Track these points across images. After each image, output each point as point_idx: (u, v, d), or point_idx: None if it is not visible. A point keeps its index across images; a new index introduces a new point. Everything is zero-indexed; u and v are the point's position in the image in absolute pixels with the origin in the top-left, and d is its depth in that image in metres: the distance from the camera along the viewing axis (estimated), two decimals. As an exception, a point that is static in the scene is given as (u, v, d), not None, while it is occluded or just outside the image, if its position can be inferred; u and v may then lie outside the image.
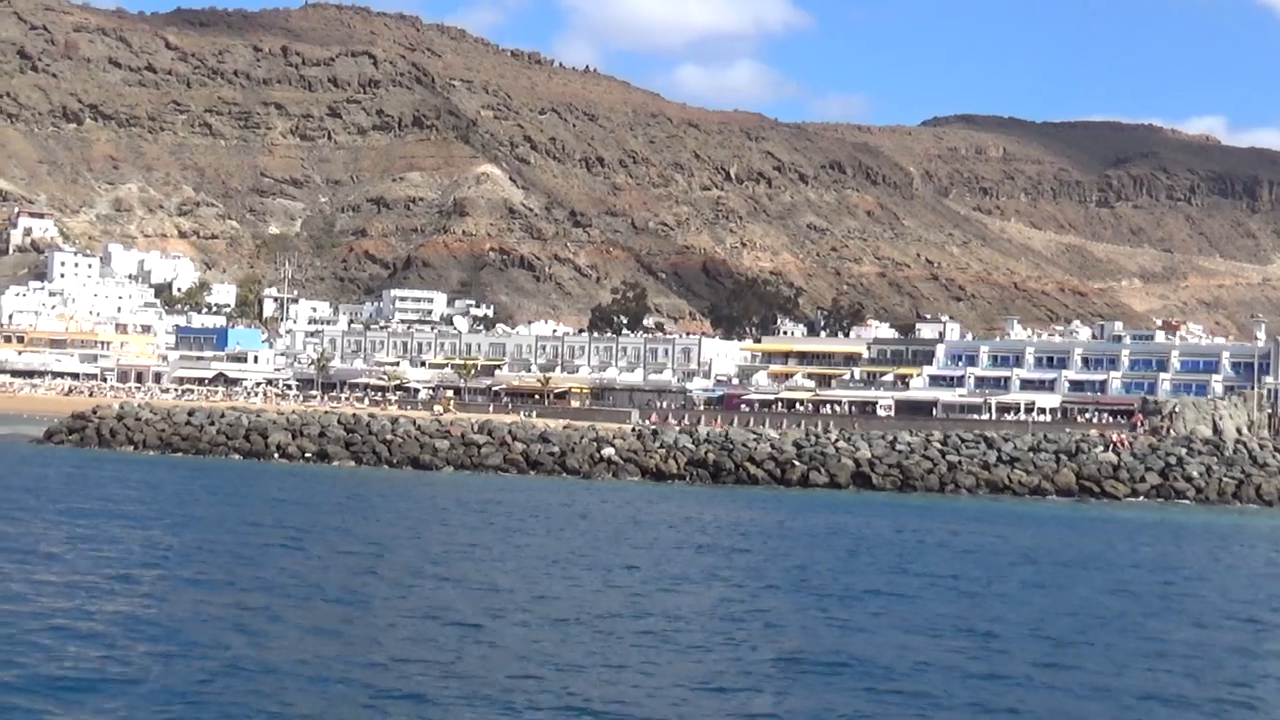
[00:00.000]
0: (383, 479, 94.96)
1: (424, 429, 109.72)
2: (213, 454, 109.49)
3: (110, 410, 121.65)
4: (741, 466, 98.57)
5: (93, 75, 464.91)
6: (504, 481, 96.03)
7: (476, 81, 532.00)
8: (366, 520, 66.28)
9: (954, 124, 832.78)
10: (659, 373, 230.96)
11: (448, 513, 71.32)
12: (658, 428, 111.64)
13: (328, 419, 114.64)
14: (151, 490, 79.12)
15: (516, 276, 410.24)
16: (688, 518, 73.86)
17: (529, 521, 67.69)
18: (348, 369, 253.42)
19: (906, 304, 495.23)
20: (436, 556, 53.19)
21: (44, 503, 68.28)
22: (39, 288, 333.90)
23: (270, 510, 69.21)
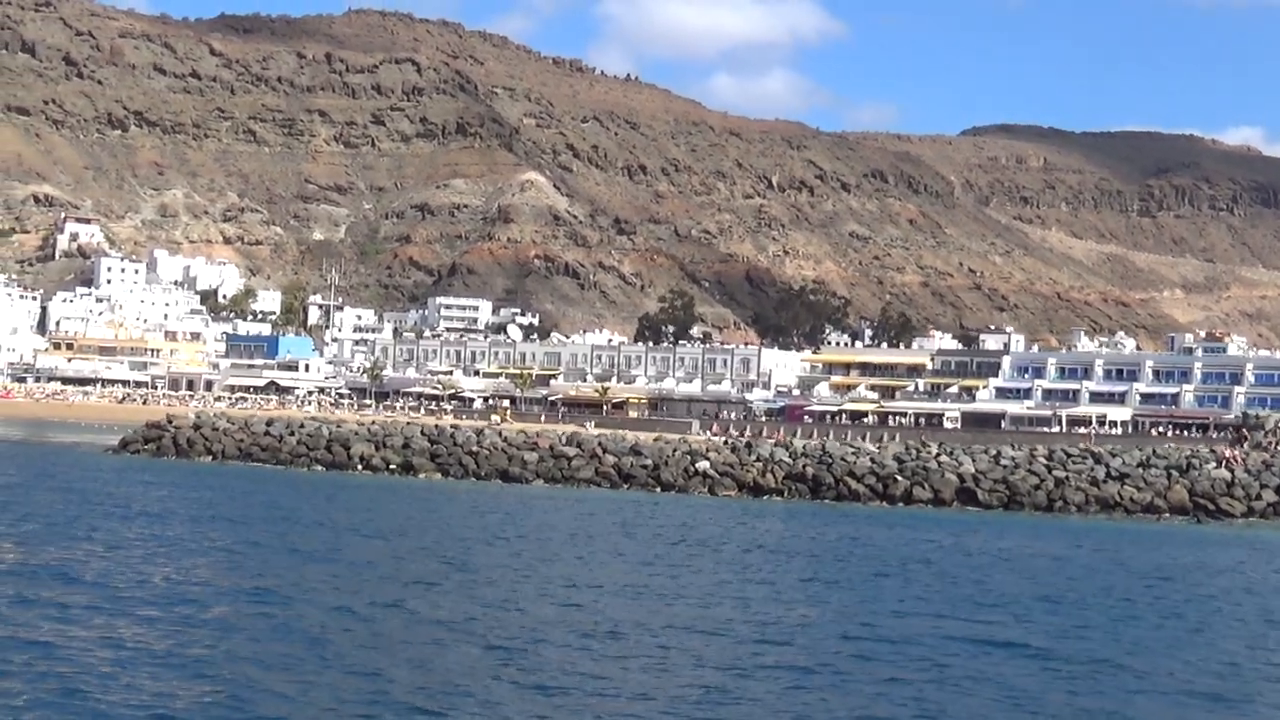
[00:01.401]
0: (478, 492, 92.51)
1: (511, 440, 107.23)
2: (294, 465, 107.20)
3: (186, 420, 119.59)
4: (842, 481, 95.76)
5: (137, 82, 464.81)
6: (601, 496, 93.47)
7: (519, 89, 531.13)
8: (517, 544, 63.50)
9: (993, 133, 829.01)
10: (717, 383, 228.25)
11: (620, 541, 66.97)
12: (750, 440, 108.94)
13: (410, 430, 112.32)
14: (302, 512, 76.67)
15: (561, 284, 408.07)
16: (828, 538, 71.10)
17: (689, 554, 64.36)
18: (400, 378, 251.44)
19: (949, 314, 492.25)
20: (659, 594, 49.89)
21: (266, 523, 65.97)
22: (86, 294, 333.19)
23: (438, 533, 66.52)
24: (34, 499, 72.81)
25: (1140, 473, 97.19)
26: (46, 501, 71.50)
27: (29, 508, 67.75)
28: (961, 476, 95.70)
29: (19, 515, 64.02)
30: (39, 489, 79.43)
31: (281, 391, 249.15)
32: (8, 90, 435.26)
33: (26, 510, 66.45)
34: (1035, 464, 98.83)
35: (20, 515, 63.99)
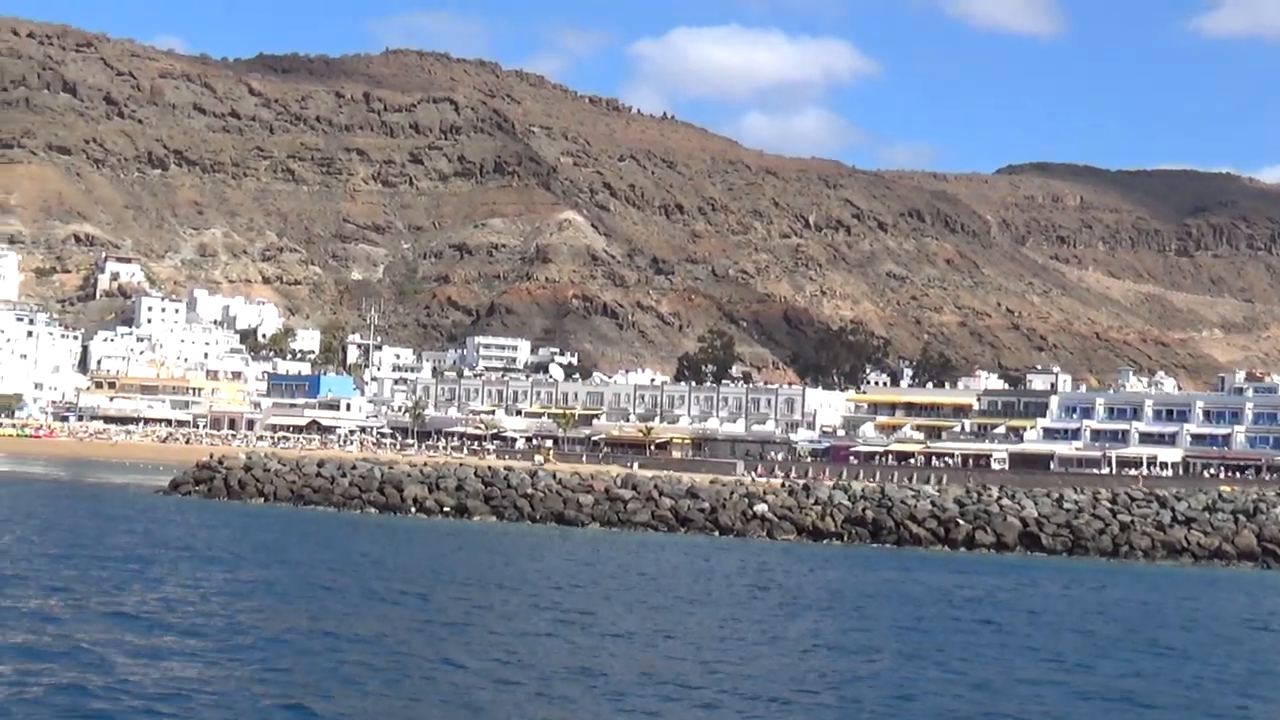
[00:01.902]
0: (539, 536, 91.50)
1: (565, 483, 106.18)
2: (347, 507, 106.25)
3: (237, 461, 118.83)
4: (902, 525, 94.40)
5: (177, 121, 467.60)
6: (660, 540, 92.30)
7: (556, 128, 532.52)
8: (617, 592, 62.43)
9: (1029, 172, 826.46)
10: (762, 423, 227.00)
11: (709, 585, 65.62)
12: (807, 483, 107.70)
13: (464, 472, 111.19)
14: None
15: (599, 324, 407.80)
16: (910, 585, 69.83)
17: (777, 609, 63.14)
18: (442, 417, 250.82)
19: (988, 354, 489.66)
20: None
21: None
22: (127, 333, 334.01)
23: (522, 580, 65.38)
24: (106, 541, 72.19)
25: (1207, 517, 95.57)
26: (120, 544, 70.82)
27: (102, 550, 67.13)
28: (1024, 520, 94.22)
29: (95, 556, 63.47)
30: (109, 532, 78.85)
31: (323, 431, 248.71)
32: (49, 130, 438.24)
33: (101, 552, 65.84)
34: (1099, 507, 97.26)
35: (97, 557, 63.42)
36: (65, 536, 74.97)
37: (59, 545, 69.37)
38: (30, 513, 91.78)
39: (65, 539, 73.12)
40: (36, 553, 65.57)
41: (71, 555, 64.43)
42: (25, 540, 71.79)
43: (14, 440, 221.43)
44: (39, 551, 66.18)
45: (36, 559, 62.71)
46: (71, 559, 62.81)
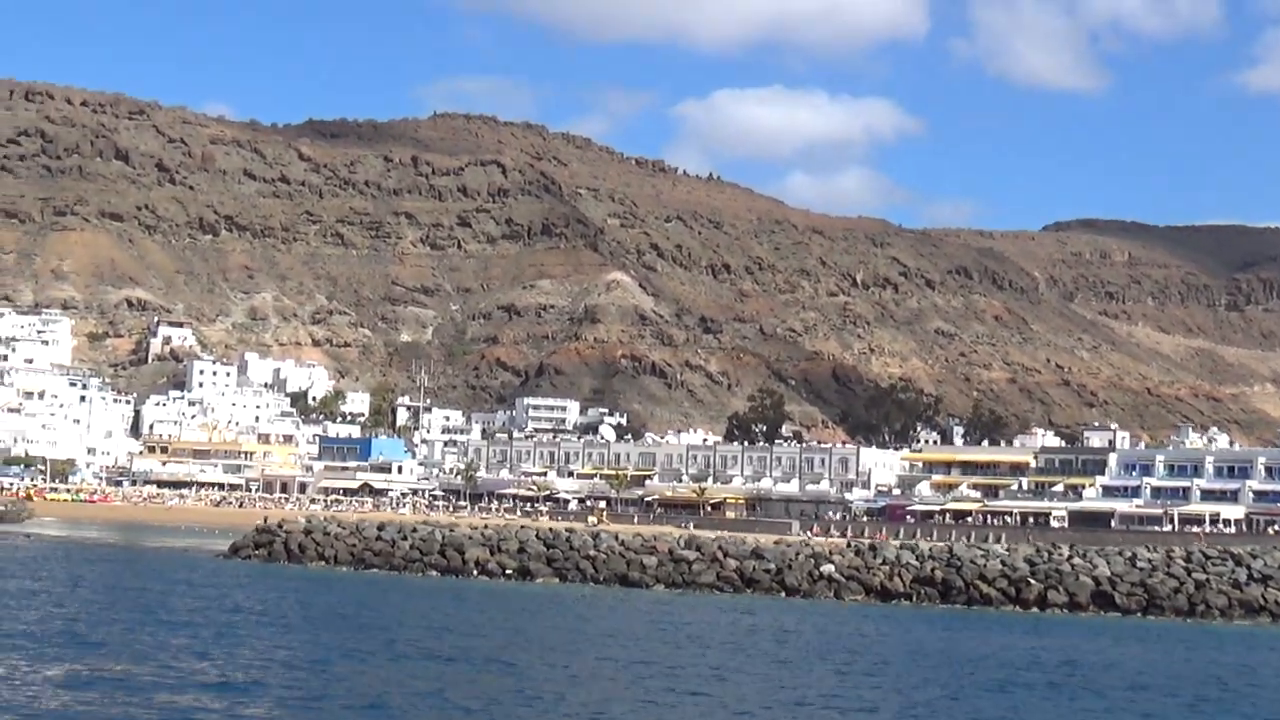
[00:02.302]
0: (606, 599, 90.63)
1: (628, 544, 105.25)
2: (408, 571, 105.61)
3: (296, 524, 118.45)
4: (972, 585, 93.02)
5: (228, 187, 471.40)
6: (729, 602, 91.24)
7: (602, 189, 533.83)
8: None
9: (1076, 228, 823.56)
10: (816, 483, 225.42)
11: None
12: (874, 542, 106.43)
13: (525, 534, 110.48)
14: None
15: (648, 384, 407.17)
16: (998, 649, 68.50)
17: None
18: (494, 479, 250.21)
19: (1038, 410, 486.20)
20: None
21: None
22: (179, 397, 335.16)
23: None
24: (172, 605, 71.77)
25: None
26: (192, 610, 70.43)
27: (176, 615, 66.78)
28: (1097, 579, 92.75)
29: (169, 622, 63.18)
30: (178, 597, 78.51)
31: (375, 494, 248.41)
32: (102, 196, 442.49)
33: (175, 618, 65.53)
34: (1174, 566, 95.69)
35: (170, 623, 63.14)
36: (136, 602, 74.60)
37: (132, 610, 69.03)
38: (98, 578, 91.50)
39: (137, 604, 72.75)
40: (112, 618, 65.16)
41: (145, 621, 63.96)
42: (98, 606, 71.45)
43: (69, 505, 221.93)
44: (114, 617, 65.79)
45: (112, 625, 62.26)
46: (146, 625, 62.35)
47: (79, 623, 62.21)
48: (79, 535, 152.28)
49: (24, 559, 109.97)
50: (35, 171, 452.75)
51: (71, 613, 66.87)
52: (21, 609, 68.29)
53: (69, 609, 69.01)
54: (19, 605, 70.51)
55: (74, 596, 76.81)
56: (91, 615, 66.04)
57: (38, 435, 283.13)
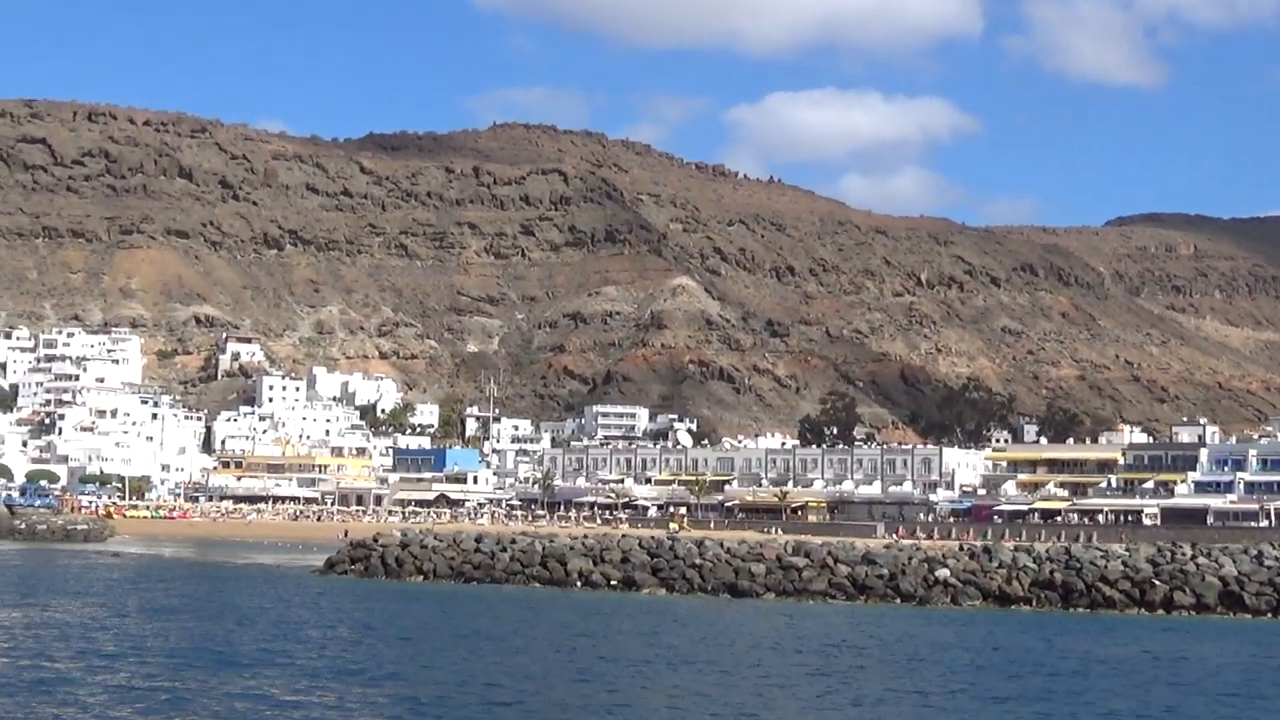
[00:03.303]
0: (723, 609, 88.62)
1: (734, 552, 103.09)
2: (510, 582, 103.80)
3: (392, 538, 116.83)
4: (1094, 587, 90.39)
5: (291, 202, 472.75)
6: (850, 610, 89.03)
7: (664, 195, 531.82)
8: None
9: (1140, 222, 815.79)
10: (898, 484, 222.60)
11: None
12: (990, 547, 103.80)
13: (627, 543, 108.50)
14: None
15: (716, 388, 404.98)
16: (1161, 654, 66.06)
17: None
18: (570, 487, 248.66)
19: (1109, 407, 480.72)
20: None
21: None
22: (249, 412, 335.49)
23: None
24: (289, 615, 70.29)
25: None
26: (322, 628, 69.38)
27: (309, 637, 65.44)
28: (1224, 579, 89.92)
29: (307, 642, 62.12)
30: (298, 616, 77.29)
31: (451, 504, 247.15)
32: (168, 214, 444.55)
33: (309, 639, 64.37)
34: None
35: (308, 643, 62.06)
36: (260, 622, 73.24)
37: (264, 632, 67.63)
38: (208, 599, 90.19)
39: (263, 625, 71.18)
40: (247, 639, 63.83)
41: (281, 643, 62.44)
42: (223, 627, 70.14)
43: (149, 522, 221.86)
44: (250, 638, 64.45)
45: (247, 644, 60.96)
46: (286, 649, 60.87)
47: (217, 640, 60.85)
48: (167, 554, 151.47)
49: (122, 579, 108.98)
50: (101, 191, 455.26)
51: (223, 635, 65.38)
52: (172, 632, 67.16)
53: (208, 631, 67.75)
54: (166, 628, 69.32)
55: (188, 616, 75.45)
56: (230, 636, 64.58)
57: (112, 453, 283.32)
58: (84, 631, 67.31)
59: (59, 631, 67.32)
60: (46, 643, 62.34)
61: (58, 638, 64.68)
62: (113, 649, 60.71)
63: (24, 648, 60.51)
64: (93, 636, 65.34)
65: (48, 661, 55.85)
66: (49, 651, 59.11)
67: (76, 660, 56.43)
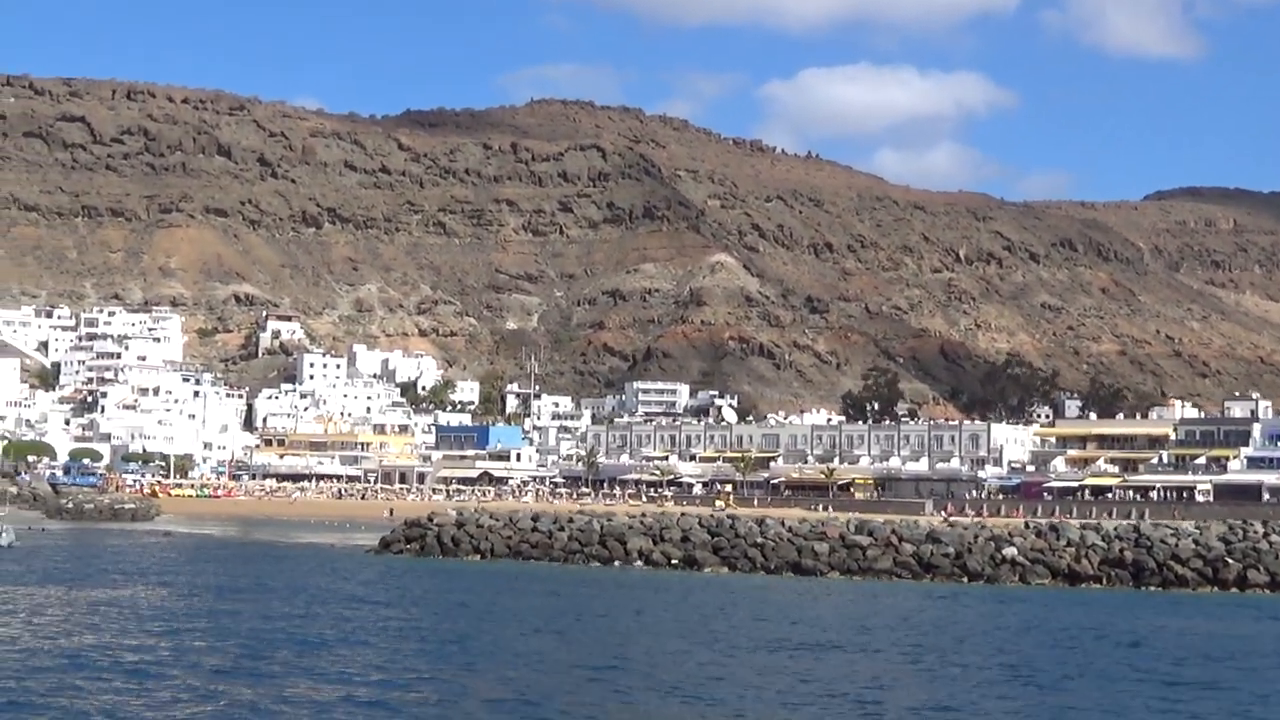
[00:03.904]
0: (789, 588, 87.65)
1: (796, 530, 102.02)
2: (569, 562, 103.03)
3: (447, 518, 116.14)
4: (1165, 566, 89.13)
5: (329, 179, 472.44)
6: (923, 589, 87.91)
7: (701, 171, 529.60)
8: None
9: (1179, 197, 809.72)
10: (946, 461, 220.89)
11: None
12: (1057, 524, 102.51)
13: (687, 521, 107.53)
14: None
15: (756, 365, 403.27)
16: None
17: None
18: (614, 464, 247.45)
19: (1150, 382, 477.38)
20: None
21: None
22: (290, 390, 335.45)
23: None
24: (364, 595, 69.57)
25: None
26: (416, 613, 68.65)
27: (405, 623, 64.26)
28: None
29: (405, 629, 61.09)
30: (385, 599, 76.30)
31: (495, 482, 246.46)
32: (206, 193, 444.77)
33: (406, 624, 63.41)
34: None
35: (407, 630, 61.07)
36: (331, 601, 72.50)
37: (342, 611, 66.89)
38: (272, 578, 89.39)
39: (351, 610, 70.32)
40: (325, 619, 63.04)
41: (379, 630, 61.58)
42: (297, 606, 69.40)
43: (194, 501, 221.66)
44: (330, 617, 63.69)
45: (327, 623, 60.16)
46: (370, 628, 60.14)
47: (311, 620, 60.01)
48: (216, 533, 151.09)
49: (180, 559, 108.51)
50: (140, 170, 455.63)
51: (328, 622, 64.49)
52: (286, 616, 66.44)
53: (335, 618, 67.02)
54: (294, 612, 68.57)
55: (263, 600, 74.72)
56: (349, 624, 63.58)
57: (154, 431, 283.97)
58: (157, 613, 66.80)
59: (132, 611, 66.97)
60: (128, 623, 61.93)
61: (133, 617, 64.29)
62: (194, 628, 60.42)
63: (109, 627, 60.10)
64: (169, 617, 64.91)
65: (133, 640, 55.49)
66: (132, 632, 58.66)
67: (166, 640, 56.06)
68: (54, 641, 54.42)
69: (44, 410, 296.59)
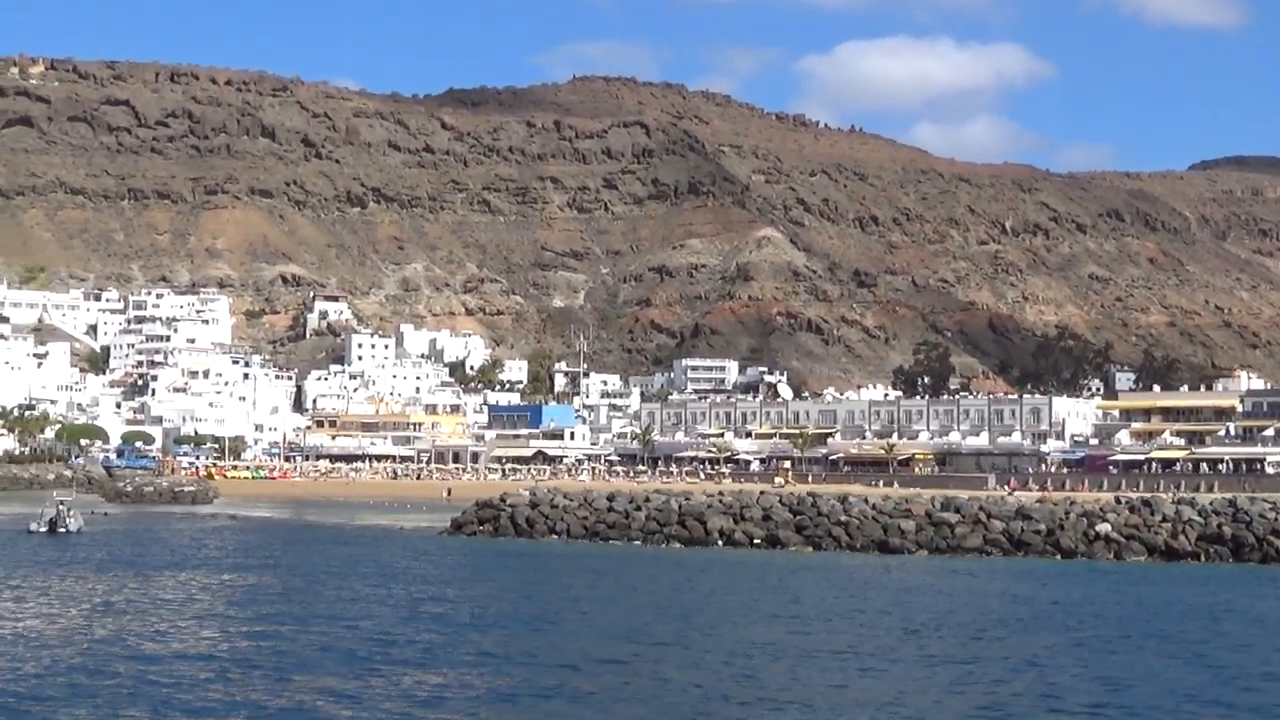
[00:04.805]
0: (876, 566, 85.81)
1: (880, 508, 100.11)
2: (649, 542, 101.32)
3: (521, 498, 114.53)
4: (1265, 540, 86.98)
5: (373, 159, 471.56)
6: (1015, 567, 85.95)
7: (745, 146, 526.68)
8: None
9: (1225, 166, 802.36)
10: (1007, 435, 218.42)
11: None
12: (1150, 499, 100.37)
13: (767, 500, 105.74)
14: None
15: (805, 340, 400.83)
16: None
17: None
18: (670, 442, 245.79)
19: (1200, 354, 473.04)
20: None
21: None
22: (339, 371, 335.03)
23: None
24: (472, 577, 68.11)
25: None
26: (517, 595, 67.04)
27: (575, 613, 62.27)
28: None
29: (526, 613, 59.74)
30: (499, 584, 74.80)
31: (549, 461, 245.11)
32: (251, 174, 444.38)
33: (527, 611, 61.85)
34: None
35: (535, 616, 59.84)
36: (434, 583, 71.08)
37: (463, 594, 65.45)
38: (364, 562, 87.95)
39: (443, 587, 68.93)
40: (450, 601, 61.61)
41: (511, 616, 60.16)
42: (411, 590, 68.00)
43: (251, 483, 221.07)
44: (455, 599, 62.28)
45: (456, 605, 58.78)
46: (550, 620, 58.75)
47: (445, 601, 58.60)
48: (281, 516, 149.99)
49: (259, 542, 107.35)
50: (185, 152, 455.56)
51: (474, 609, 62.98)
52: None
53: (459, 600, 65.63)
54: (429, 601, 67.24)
55: (378, 586, 73.39)
56: (481, 610, 62.21)
57: (205, 414, 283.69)
58: (274, 599, 66.05)
59: (262, 597, 66.16)
60: (260, 608, 61.49)
61: (252, 602, 63.84)
62: (313, 613, 59.76)
63: (243, 617, 59.06)
64: (290, 601, 64.30)
65: (279, 627, 54.51)
66: (268, 616, 58.11)
67: (301, 627, 55.27)
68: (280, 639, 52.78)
69: (95, 394, 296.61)
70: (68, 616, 58.17)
